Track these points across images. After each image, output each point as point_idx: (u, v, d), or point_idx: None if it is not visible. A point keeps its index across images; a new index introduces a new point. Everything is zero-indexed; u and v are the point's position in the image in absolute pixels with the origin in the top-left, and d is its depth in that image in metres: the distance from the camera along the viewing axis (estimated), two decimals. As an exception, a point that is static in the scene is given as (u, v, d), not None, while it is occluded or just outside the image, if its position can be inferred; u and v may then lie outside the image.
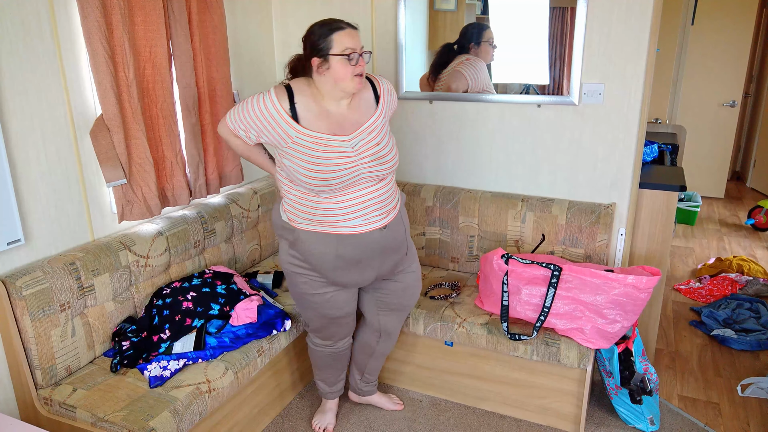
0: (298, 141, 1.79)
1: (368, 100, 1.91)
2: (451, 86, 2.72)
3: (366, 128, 1.85)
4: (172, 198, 2.36)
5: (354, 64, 1.75)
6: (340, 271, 1.94)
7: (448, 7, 2.70)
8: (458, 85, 2.70)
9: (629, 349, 2.24)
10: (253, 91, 2.93)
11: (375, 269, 1.99)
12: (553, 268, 2.19)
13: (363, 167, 1.82)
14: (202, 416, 1.89)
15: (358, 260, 1.93)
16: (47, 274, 1.84)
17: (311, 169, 1.78)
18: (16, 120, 1.83)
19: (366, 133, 1.85)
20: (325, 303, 2.03)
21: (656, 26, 2.31)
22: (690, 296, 3.61)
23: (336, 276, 1.95)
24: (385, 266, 2.02)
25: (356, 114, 1.87)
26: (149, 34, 2.14)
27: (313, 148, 1.79)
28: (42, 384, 1.86)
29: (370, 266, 1.97)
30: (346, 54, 1.73)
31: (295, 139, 1.79)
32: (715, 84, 5.68)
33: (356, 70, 1.76)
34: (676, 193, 2.54)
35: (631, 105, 2.41)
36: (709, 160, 5.88)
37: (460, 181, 2.86)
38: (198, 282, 2.25)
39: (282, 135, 1.80)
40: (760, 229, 4.88)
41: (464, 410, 2.48)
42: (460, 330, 2.33)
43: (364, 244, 1.90)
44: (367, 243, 1.90)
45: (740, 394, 2.60)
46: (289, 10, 2.99)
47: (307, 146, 1.79)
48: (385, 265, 2.01)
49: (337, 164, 1.78)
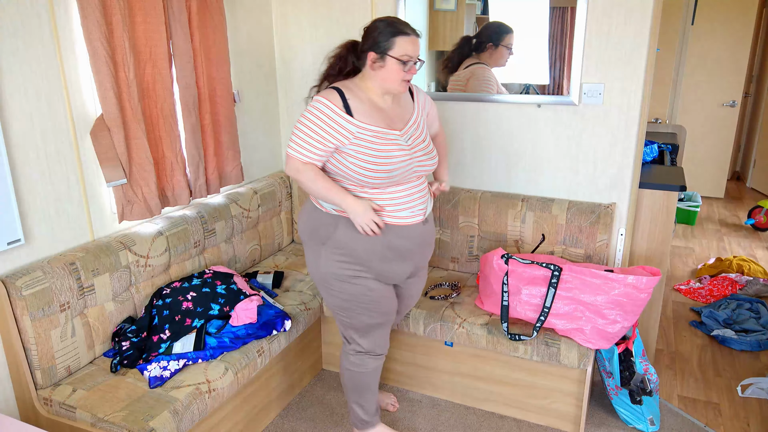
0: (360, 136, 1.78)
1: (407, 99, 1.99)
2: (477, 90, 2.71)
3: (412, 123, 1.93)
4: (172, 198, 2.36)
5: (407, 70, 1.79)
6: (387, 262, 1.93)
7: (448, 7, 2.70)
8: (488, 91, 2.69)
9: (629, 350, 2.24)
10: (253, 91, 2.93)
11: (414, 263, 2.03)
12: (553, 268, 2.19)
13: (416, 161, 1.88)
14: (202, 416, 1.89)
15: (404, 253, 1.95)
16: (47, 274, 1.84)
17: (375, 162, 1.79)
18: (16, 120, 1.83)
19: (413, 128, 1.92)
20: (381, 298, 1.97)
21: (656, 26, 2.31)
22: (690, 296, 3.61)
23: (383, 268, 1.93)
24: (421, 261, 2.06)
25: (399, 110, 1.93)
26: (149, 34, 2.14)
27: (374, 141, 1.80)
28: (42, 384, 1.86)
29: (412, 259, 2.00)
30: (403, 60, 1.77)
31: (357, 134, 1.78)
32: (715, 84, 5.68)
33: (407, 76, 1.81)
34: (676, 193, 2.54)
35: (631, 105, 2.41)
36: (709, 160, 5.88)
37: (460, 181, 2.86)
38: (198, 282, 2.25)
39: (343, 133, 1.77)
40: (760, 229, 4.88)
41: (464, 410, 2.48)
42: (460, 330, 2.33)
43: (411, 236, 1.93)
44: (413, 235, 1.94)
45: (740, 395, 2.60)
46: (289, 10, 2.99)
47: (369, 140, 1.79)
48: (421, 259, 2.06)
49: (397, 157, 1.82)
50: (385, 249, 1.90)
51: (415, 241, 1.96)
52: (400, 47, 1.77)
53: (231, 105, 2.60)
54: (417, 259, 2.03)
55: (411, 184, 1.91)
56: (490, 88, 2.67)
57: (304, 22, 2.97)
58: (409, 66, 1.80)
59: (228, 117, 2.59)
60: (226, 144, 2.61)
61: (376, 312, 1.99)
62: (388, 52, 1.77)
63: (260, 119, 3.01)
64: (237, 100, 2.77)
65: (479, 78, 2.69)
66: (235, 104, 2.74)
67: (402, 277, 2.03)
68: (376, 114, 1.83)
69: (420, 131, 1.94)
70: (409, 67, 1.80)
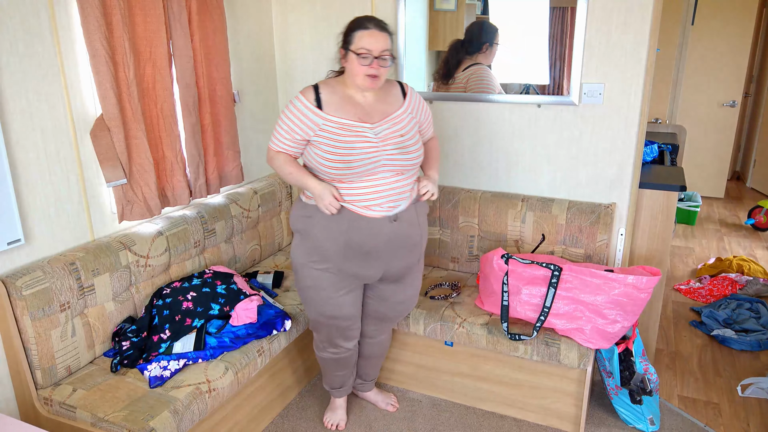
0: (325, 128, 1.85)
1: (396, 95, 1.98)
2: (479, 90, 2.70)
3: (393, 118, 1.92)
4: (172, 198, 2.36)
5: (368, 64, 1.80)
6: (349, 260, 1.94)
7: (448, 7, 2.70)
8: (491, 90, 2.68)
9: (629, 350, 2.24)
10: (253, 91, 2.93)
11: (383, 264, 1.99)
12: (553, 268, 2.19)
13: (385, 155, 1.86)
14: (202, 416, 1.89)
15: (368, 251, 1.93)
16: (47, 274, 1.84)
17: (336, 153, 1.83)
18: (16, 120, 1.83)
19: (392, 123, 1.91)
20: (328, 300, 2.03)
21: (656, 26, 2.31)
22: (690, 296, 3.61)
23: (345, 265, 1.96)
24: (393, 265, 2.01)
25: (383, 104, 1.93)
26: (149, 34, 2.14)
27: (338, 133, 1.84)
28: (42, 384, 1.86)
29: (379, 259, 1.97)
30: (360, 53, 1.79)
31: (323, 126, 1.85)
32: (715, 84, 5.68)
33: (369, 71, 1.81)
34: (676, 193, 2.54)
35: (631, 105, 2.41)
36: (709, 160, 5.88)
37: (460, 181, 2.86)
38: (198, 282, 2.25)
39: (309, 125, 1.86)
40: (760, 229, 4.88)
41: (464, 410, 2.48)
42: (460, 330, 2.33)
43: (373, 233, 1.91)
44: (377, 232, 1.91)
45: (740, 395, 2.60)
46: (289, 10, 2.99)
47: (333, 131, 1.84)
48: (394, 263, 2.01)
49: (359, 149, 1.83)
50: (344, 245, 1.92)
51: (379, 239, 1.92)
52: (359, 41, 1.80)
53: (231, 105, 2.60)
54: (387, 260, 1.98)
55: (384, 180, 1.88)
56: (492, 88, 2.67)
57: (304, 22, 2.97)
58: (370, 60, 1.79)
59: (228, 117, 2.59)
60: (226, 144, 2.61)
61: (318, 312, 2.08)
62: (350, 47, 1.82)
63: (260, 119, 3.01)
64: (237, 100, 2.77)
65: (482, 78, 2.69)
66: (235, 104, 2.74)
67: (371, 278, 2.02)
68: (349, 107, 1.88)
69: (401, 127, 1.92)
70: (370, 61, 1.80)
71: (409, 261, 2.05)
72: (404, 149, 1.90)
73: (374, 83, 1.84)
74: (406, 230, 1.97)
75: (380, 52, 1.80)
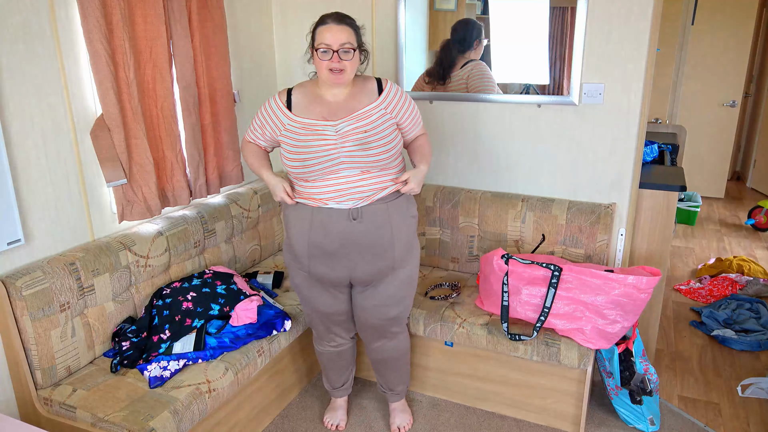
0: (289, 128, 1.91)
1: (371, 92, 1.93)
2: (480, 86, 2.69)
3: (358, 114, 1.88)
4: (172, 198, 2.36)
5: (327, 59, 1.80)
6: (314, 259, 1.96)
7: (448, 7, 2.69)
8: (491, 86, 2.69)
9: (629, 350, 2.24)
10: (253, 91, 2.93)
11: (348, 267, 1.95)
12: (554, 269, 2.19)
13: (344, 152, 1.83)
14: (202, 416, 1.89)
15: (331, 253, 1.92)
16: (47, 274, 1.84)
17: (294, 152, 1.87)
18: (16, 120, 1.83)
19: (356, 119, 1.87)
20: (309, 296, 2.08)
21: (656, 26, 2.31)
22: (690, 296, 3.61)
23: (309, 263, 1.97)
24: (361, 269, 1.95)
25: (353, 102, 1.91)
26: (149, 34, 2.14)
27: (300, 133, 1.88)
28: (42, 384, 1.86)
29: (341, 261, 1.93)
30: (320, 48, 1.80)
31: (288, 126, 1.91)
32: (715, 84, 5.68)
33: (330, 65, 1.81)
34: (676, 193, 2.54)
35: (631, 105, 2.41)
36: (709, 160, 5.88)
37: (460, 181, 2.86)
38: (198, 282, 2.25)
39: (277, 124, 1.94)
40: (760, 229, 4.88)
41: (464, 410, 2.48)
42: (460, 330, 2.33)
43: (333, 232, 1.89)
44: (334, 231, 1.88)
45: (740, 395, 2.60)
46: (289, 10, 2.99)
47: (295, 131, 1.89)
48: (362, 267, 1.94)
49: (317, 146, 1.84)
50: (310, 243, 1.93)
51: (338, 239, 1.88)
52: (318, 37, 1.81)
53: (231, 105, 2.60)
54: (353, 262, 1.93)
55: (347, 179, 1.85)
56: (492, 84, 2.66)
57: (304, 22, 2.97)
58: (330, 54, 1.78)
59: (228, 117, 2.59)
60: (226, 144, 2.61)
61: (307, 306, 2.13)
62: (313, 44, 1.84)
63: (260, 119, 3.00)
64: (237, 100, 2.77)
65: (483, 73, 2.68)
66: (235, 104, 2.73)
67: (338, 280, 1.99)
68: (315, 107, 1.90)
69: (367, 123, 1.86)
70: (331, 55, 1.78)
71: (380, 266, 1.95)
72: (366, 146, 1.83)
73: (339, 78, 1.81)
74: (371, 231, 1.89)
75: (340, 45, 1.78)
